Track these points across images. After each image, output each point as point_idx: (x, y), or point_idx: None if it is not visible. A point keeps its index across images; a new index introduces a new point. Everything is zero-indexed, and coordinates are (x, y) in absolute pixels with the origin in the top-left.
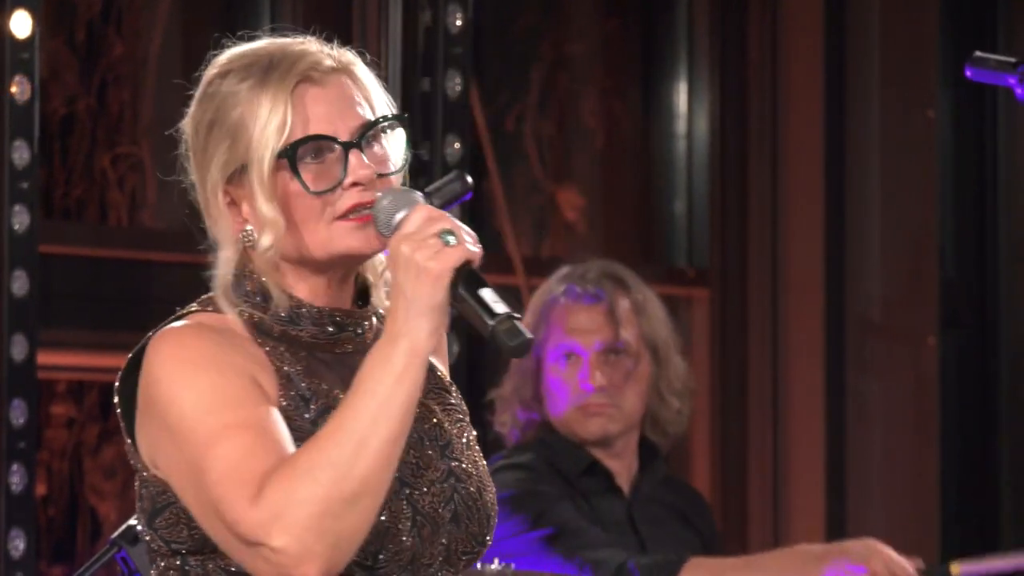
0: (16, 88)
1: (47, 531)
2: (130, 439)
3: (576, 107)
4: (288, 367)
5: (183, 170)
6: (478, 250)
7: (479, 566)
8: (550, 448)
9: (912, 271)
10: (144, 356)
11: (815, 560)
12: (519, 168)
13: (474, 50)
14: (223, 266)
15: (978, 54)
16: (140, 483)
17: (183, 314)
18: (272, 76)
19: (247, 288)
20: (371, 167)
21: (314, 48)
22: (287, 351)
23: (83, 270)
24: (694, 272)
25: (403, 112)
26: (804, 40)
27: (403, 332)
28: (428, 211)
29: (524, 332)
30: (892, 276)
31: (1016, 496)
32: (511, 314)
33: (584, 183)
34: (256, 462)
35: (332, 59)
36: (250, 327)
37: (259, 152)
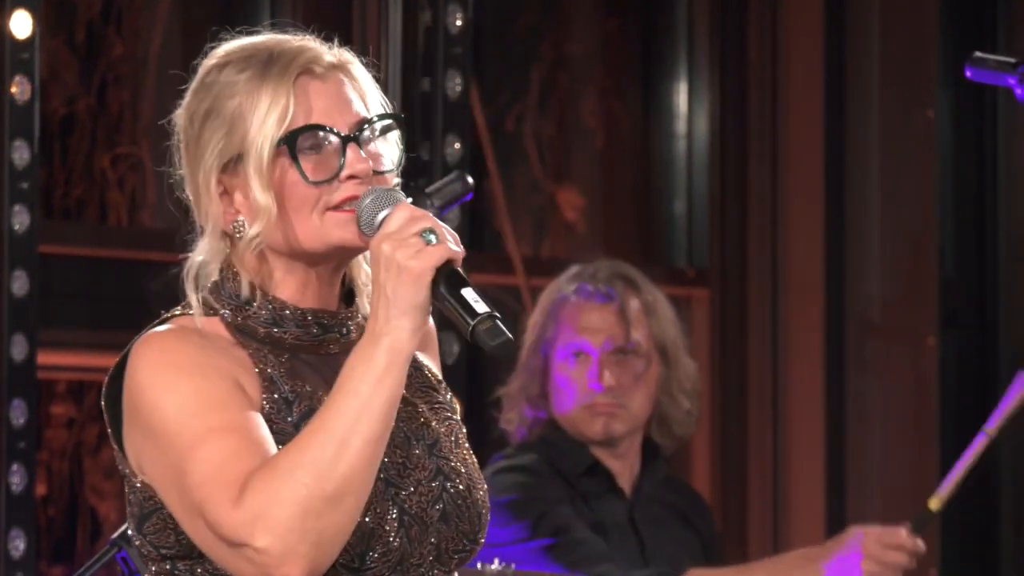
0: (16, 88)
1: (47, 531)
2: (117, 445)
3: (576, 107)
4: (271, 369)
5: (173, 163)
6: (460, 249)
7: (479, 566)
8: (553, 447)
9: (912, 271)
10: (127, 361)
11: (810, 561)
12: (519, 168)
13: (474, 50)
14: (206, 254)
15: (978, 54)
16: (129, 488)
17: (166, 318)
18: (273, 67)
19: (230, 290)
20: (368, 161)
21: (313, 44)
22: (270, 353)
23: (83, 270)
24: (694, 272)
25: (402, 112)
26: (804, 40)
27: (384, 331)
28: (410, 210)
29: (505, 332)
30: (892, 276)
31: (1016, 496)
32: (492, 313)
33: (584, 183)
34: (239, 464)
35: (332, 56)
36: (233, 329)
37: (258, 139)
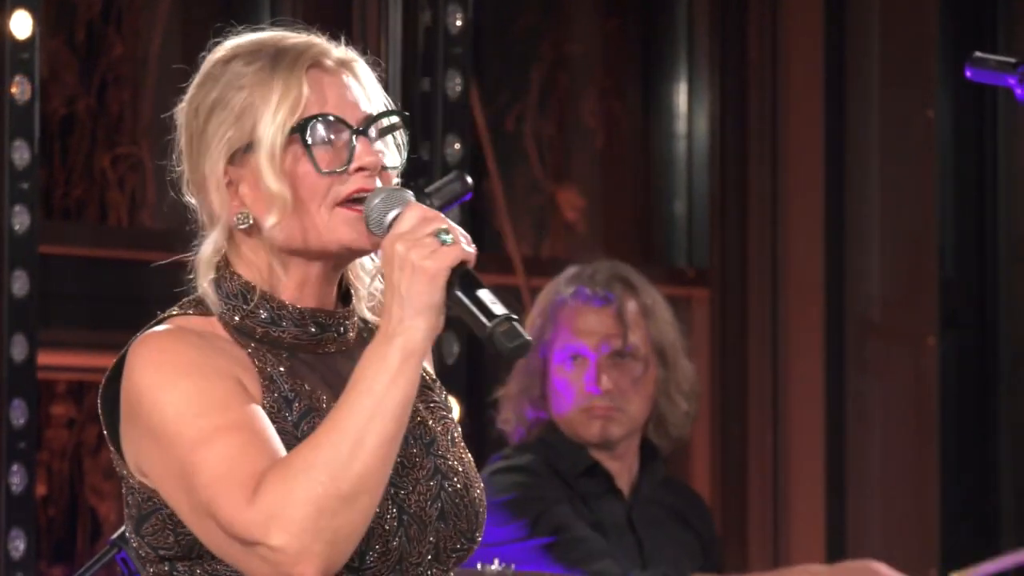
0: (16, 88)
1: (47, 531)
2: (114, 446)
3: (576, 107)
4: (271, 368)
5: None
6: (473, 250)
7: (479, 566)
8: (551, 448)
9: (912, 271)
10: (125, 362)
11: None
12: (519, 168)
13: (474, 50)
14: (210, 246)
15: (978, 54)
16: (126, 490)
17: (163, 318)
18: (283, 59)
19: (228, 289)
20: (378, 154)
21: (319, 40)
22: (269, 352)
23: (83, 270)
24: (694, 272)
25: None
26: (804, 40)
27: (398, 331)
28: (422, 210)
29: (523, 333)
30: (892, 276)
31: (1016, 496)
32: (509, 315)
33: (584, 183)
34: (249, 462)
35: (339, 52)
36: (231, 329)
37: (270, 128)
